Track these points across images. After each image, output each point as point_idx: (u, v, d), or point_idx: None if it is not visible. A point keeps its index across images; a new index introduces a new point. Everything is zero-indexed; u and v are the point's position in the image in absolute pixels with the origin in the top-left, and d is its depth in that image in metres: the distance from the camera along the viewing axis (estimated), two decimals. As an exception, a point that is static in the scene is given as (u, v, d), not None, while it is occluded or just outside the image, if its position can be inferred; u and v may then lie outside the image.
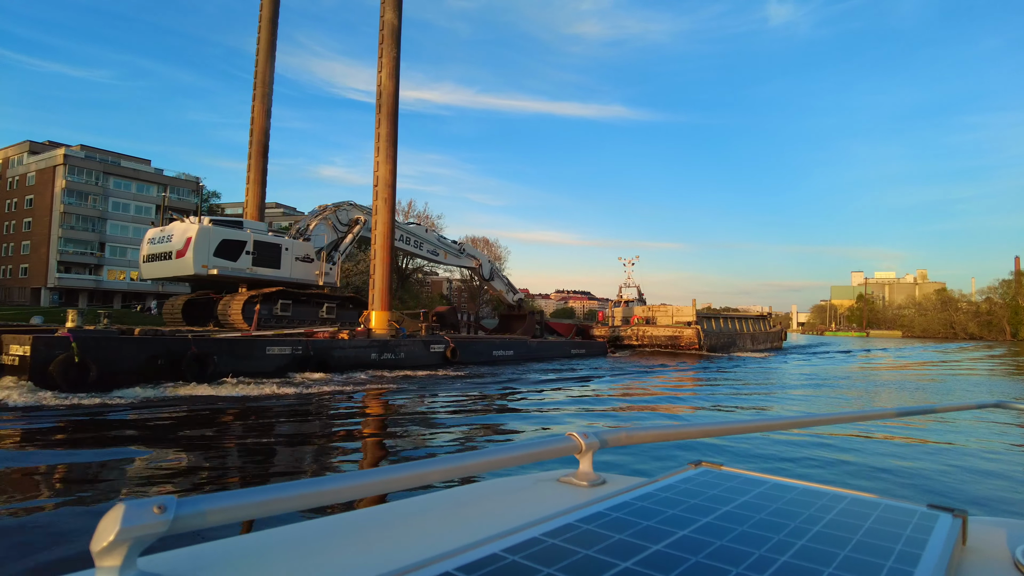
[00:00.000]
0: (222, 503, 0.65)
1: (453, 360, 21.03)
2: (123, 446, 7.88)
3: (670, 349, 35.96)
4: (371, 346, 18.47)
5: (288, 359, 16.13)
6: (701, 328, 35.64)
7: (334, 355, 17.22)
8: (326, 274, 21.51)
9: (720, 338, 38.20)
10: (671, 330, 36.03)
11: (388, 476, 0.82)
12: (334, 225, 22.66)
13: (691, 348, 35.37)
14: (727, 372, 22.87)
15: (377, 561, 0.76)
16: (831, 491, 1.09)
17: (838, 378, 21.89)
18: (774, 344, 49.99)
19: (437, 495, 1.11)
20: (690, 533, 0.84)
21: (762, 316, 50.59)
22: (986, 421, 10.90)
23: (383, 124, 20.83)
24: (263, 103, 25.47)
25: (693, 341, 35.16)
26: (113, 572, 0.57)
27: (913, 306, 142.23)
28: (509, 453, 1.02)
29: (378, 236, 20.50)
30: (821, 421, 1.75)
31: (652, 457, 7.07)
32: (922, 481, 6.74)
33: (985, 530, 1.00)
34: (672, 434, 1.37)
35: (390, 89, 20.99)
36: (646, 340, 36.50)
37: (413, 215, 79.26)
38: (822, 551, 0.79)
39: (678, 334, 35.54)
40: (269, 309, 19.51)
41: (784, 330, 55.39)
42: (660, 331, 36.33)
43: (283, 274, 20.17)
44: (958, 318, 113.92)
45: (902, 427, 9.98)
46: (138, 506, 0.58)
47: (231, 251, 18.78)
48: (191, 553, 0.74)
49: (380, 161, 20.67)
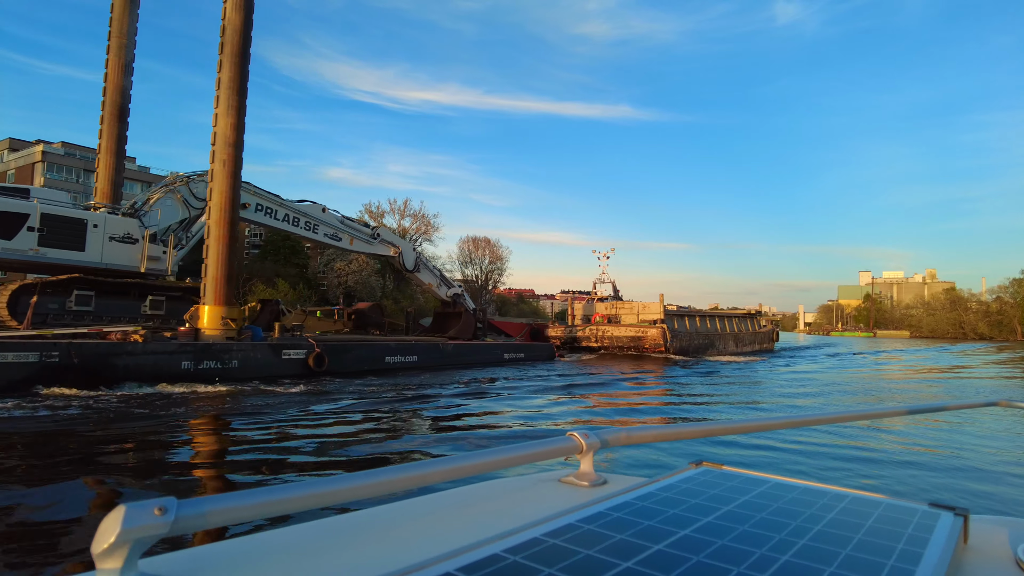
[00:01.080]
0: (223, 504, 0.65)
1: (320, 370, 16.43)
2: None
3: (633, 351, 31.33)
4: (182, 351, 13.95)
5: (34, 369, 11.67)
6: (668, 328, 30.89)
7: (115, 363, 12.72)
8: (157, 259, 16.94)
9: (693, 339, 33.40)
10: (634, 330, 31.27)
11: (389, 477, 0.81)
12: (185, 200, 18.15)
13: (656, 350, 30.72)
14: (684, 385, 18.18)
15: (377, 562, 0.76)
16: (832, 490, 1.10)
17: (827, 392, 17.21)
18: (763, 345, 44.93)
19: (438, 496, 1.10)
20: (691, 533, 0.84)
21: (749, 314, 45.19)
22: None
23: (226, 67, 16.33)
24: (119, 56, 21.05)
25: (658, 343, 30.48)
26: (114, 574, 0.57)
27: (921, 306, 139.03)
28: (510, 454, 1.01)
29: (214, 208, 15.96)
30: (822, 420, 1.76)
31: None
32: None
33: (987, 529, 1.00)
34: (673, 434, 1.40)
35: (236, 23, 16.50)
36: (606, 341, 31.82)
37: (409, 214, 74.84)
38: (823, 550, 0.79)
39: (641, 334, 30.80)
40: (61, 302, 15.07)
41: (776, 330, 49.32)
42: (622, 331, 31.57)
43: (88, 257, 15.65)
44: (968, 318, 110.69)
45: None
46: (139, 507, 0.58)
47: (3, 227, 14.32)
48: (192, 555, 0.74)
49: (220, 113, 16.15)
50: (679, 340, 31.48)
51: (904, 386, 19.90)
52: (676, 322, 32.81)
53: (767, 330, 47.06)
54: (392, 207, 78.34)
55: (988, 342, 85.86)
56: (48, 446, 7.66)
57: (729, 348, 37.53)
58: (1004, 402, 2.06)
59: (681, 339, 31.80)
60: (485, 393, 14.49)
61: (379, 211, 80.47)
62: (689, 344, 32.53)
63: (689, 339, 32.70)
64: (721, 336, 36.78)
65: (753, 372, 24.22)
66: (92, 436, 8.34)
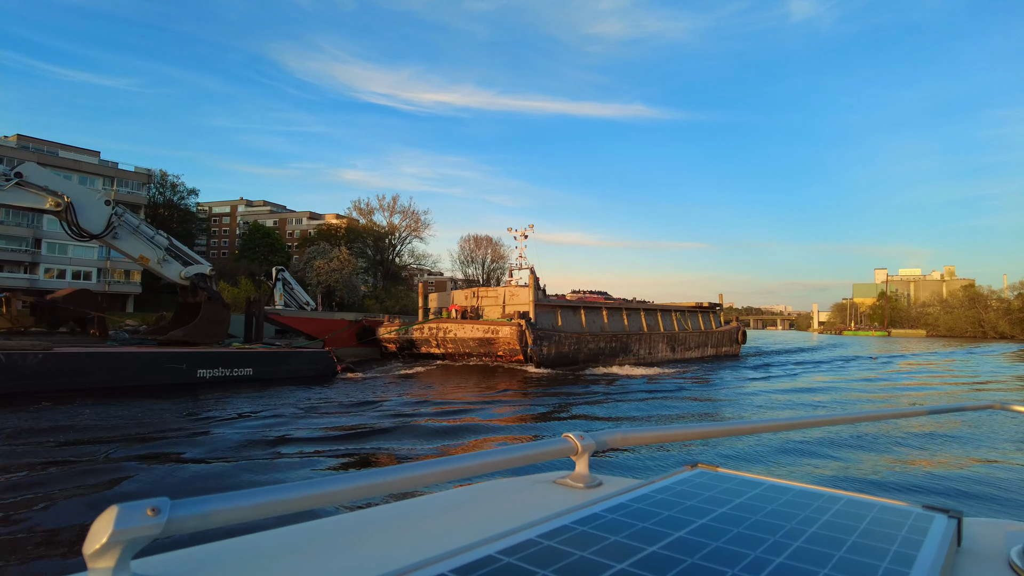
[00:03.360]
0: (217, 505, 0.64)
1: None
2: None
3: (485, 359, 21.54)
4: None
5: None
6: (529, 326, 20.58)
7: None
8: None
9: (584, 343, 23.17)
10: (483, 329, 21.17)
11: (385, 478, 0.80)
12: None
13: (512, 358, 20.86)
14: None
15: (372, 563, 0.75)
16: (827, 492, 1.09)
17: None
18: (722, 349, 34.72)
19: (433, 497, 1.09)
20: (686, 534, 0.83)
21: (701, 308, 34.76)
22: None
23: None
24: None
25: (513, 347, 20.52)
26: (106, 574, 0.56)
27: (939, 303, 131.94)
28: (505, 455, 1.00)
29: None
30: (822, 422, 1.74)
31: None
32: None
33: (980, 531, 1.00)
34: (669, 435, 1.36)
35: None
36: (449, 346, 21.91)
37: (399, 211, 71.68)
38: (818, 552, 0.78)
39: (491, 336, 20.82)
40: None
41: (742, 329, 38.01)
42: (469, 331, 21.44)
43: None
44: (988, 316, 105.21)
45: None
46: (131, 508, 0.58)
47: None
48: (185, 555, 0.73)
49: None
50: (551, 344, 21.28)
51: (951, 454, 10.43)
52: (556, 316, 22.70)
53: (728, 329, 36.44)
54: (381, 204, 72.05)
55: (1011, 341, 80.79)
56: None
57: (656, 354, 27.40)
58: (998, 404, 2.04)
59: (558, 343, 21.61)
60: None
61: (368, 208, 74.23)
62: (574, 349, 22.38)
63: (569, 343, 22.29)
64: (639, 337, 26.53)
65: (624, 404, 14.65)
66: None
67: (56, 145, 55.83)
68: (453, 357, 22.12)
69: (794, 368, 25.67)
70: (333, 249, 62.09)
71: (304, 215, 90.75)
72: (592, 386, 17.40)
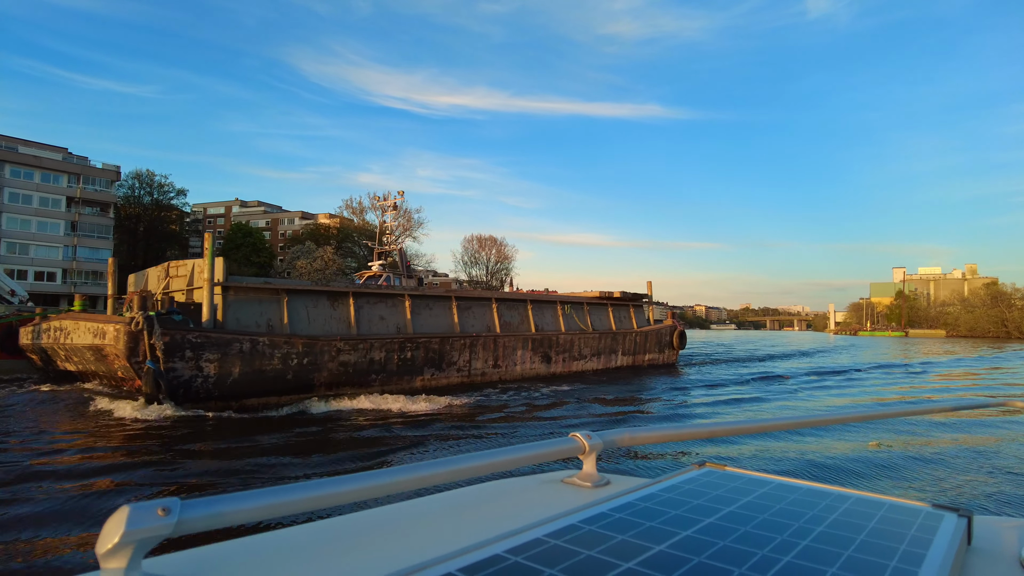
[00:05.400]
0: (227, 506, 0.65)
1: None
2: None
3: (112, 383, 13.68)
4: None
5: None
6: (152, 324, 11.32)
7: None
8: None
9: (335, 353, 13.63)
10: (92, 332, 12.72)
11: (393, 478, 0.81)
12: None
13: (128, 382, 12.73)
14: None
15: (380, 563, 0.76)
16: (836, 491, 1.07)
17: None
18: (645, 358, 24.64)
19: (441, 496, 1.09)
20: (693, 533, 0.83)
21: (613, 300, 24.72)
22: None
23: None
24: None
25: (121, 359, 11.83)
26: (118, 574, 0.57)
27: (959, 302, 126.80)
28: (513, 455, 1.01)
29: None
30: (824, 421, 1.75)
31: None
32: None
33: (991, 530, 0.99)
34: (676, 435, 1.36)
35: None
36: (75, 359, 14.33)
37: (390, 208, 69.61)
38: (826, 551, 0.78)
39: (99, 343, 12.37)
40: None
41: (679, 329, 26.67)
42: (83, 335, 13.11)
43: None
44: (1012, 315, 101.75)
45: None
46: (142, 508, 0.59)
47: None
48: (195, 555, 0.74)
49: None
50: (223, 357, 12.00)
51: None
52: (279, 308, 13.80)
53: (656, 329, 25.68)
54: (372, 202, 69.64)
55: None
56: None
57: (513, 367, 18.18)
58: (995, 404, 2.04)
59: (234, 354, 12.14)
60: None
61: (359, 206, 71.68)
62: (278, 366, 12.68)
63: (292, 354, 12.88)
64: (475, 342, 16.94)
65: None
66: None
67: (16, 140, 53.25)
68: (86, 376, 14.87)
69: (765, 387, 17.77)
70: (317, 249, 60.00)
71: (296, 215, 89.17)
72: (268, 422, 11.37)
